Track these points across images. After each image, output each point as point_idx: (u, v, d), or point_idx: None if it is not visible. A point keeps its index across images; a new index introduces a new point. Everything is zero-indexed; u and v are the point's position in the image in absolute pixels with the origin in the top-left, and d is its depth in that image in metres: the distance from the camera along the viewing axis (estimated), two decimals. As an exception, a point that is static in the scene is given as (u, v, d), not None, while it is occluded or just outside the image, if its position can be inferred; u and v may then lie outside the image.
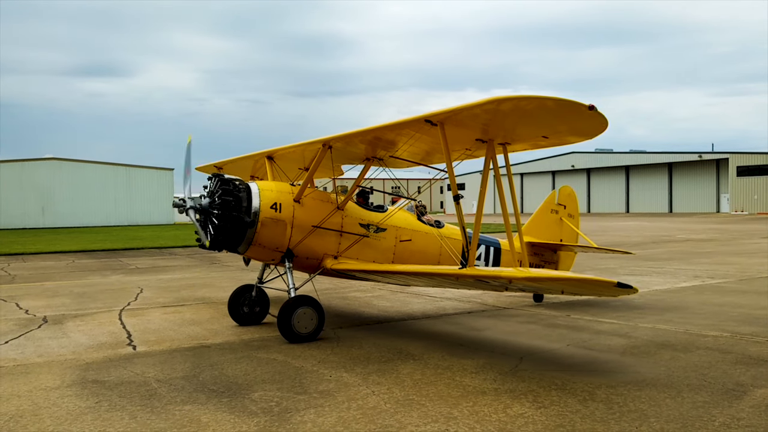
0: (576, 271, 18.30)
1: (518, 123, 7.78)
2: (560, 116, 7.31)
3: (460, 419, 5.69)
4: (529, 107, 7.13)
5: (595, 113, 6.81)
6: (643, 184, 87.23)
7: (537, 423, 5.56)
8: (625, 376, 7.04)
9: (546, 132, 8.08)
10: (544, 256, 12.87)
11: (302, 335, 8.89)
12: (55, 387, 6.89)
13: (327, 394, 6.50)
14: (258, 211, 9.17)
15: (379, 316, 11.34)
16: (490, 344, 8.92)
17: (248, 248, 9.38)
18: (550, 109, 7.09)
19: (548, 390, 6.55)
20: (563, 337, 9.27)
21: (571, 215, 13.59)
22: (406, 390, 6.63)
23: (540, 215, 13.39)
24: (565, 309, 11.84)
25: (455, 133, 8.34)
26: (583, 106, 6.74)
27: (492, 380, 6.97)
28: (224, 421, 5.71)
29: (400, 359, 8.02)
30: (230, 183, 9.25)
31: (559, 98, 6.77)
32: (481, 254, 11.68)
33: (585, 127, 7.58)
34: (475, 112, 7.47)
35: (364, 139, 9.39)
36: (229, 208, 9.03)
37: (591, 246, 13.08)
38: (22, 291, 15.44)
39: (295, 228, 9.41)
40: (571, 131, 7.98)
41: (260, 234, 9.23)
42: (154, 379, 7.17)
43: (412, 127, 8.40)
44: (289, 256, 9.49)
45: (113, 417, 5.85)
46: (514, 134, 8.30)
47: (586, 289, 7.37)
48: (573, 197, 13.84)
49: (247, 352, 8.55)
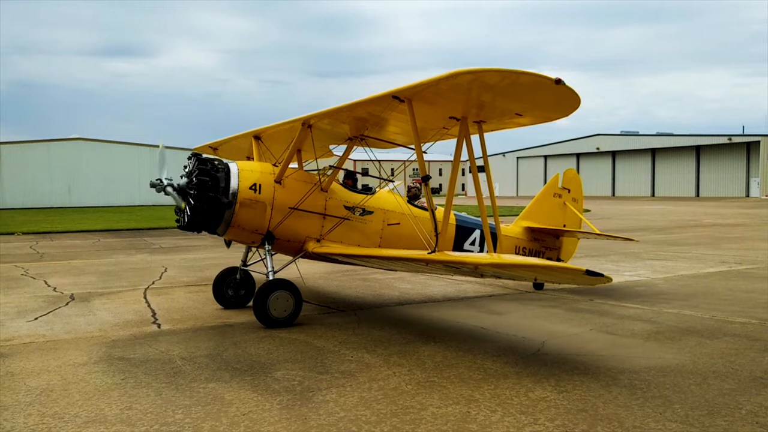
0: (598, 255, 18.14)
1: (487, 99, 7.53)
2: (528, 91, 7.03)
3: (482, 402, 5.69)
4: (492, 81, 6.86)
5: (563, 87, 6.57)
6: (669, 168, 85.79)
7: (559, 407, 5.54)
8: (648, 362, 6.97)
9: (518, 108, 7.78)
10: (546, 242, 12.35)
11: (278, 320, 8.64)
12: (83, 363, 7.03)
13: (348, 375, 6.54)
14: (236, 192, 8.93)
15: (400, 298, 11.35)
16: (511, 327, 8.89)
17: (227, 230, 9.17)
18: (516, 84, 6.82)
19: (570, 374, 6.51)
20: (586, 322, 9.20)
21: (575, 199, 13.11)
22: (427, 372, 6.64)
23: (541, 199, 12.92)
24: (588, 294, 11.74)
25: (427, 111, 8.09)
26: (549, 79, 6.50)
27: (513, 363, 6.95)
28: (247, 399, 5.77)
29: (421, 341, 8.03)
30: (207, 163, 9.06)
31: (521, 71, 6.51)
32: (475, 239, 11.17)
33: (556, 103, 7.33)
34: (441, 88, 7.22)
35: (340, 117, 9.10)
36: (206, 189, 8.82)
37: (594, 232, 12.64)
38: (50, 269, 15.73)
39: (275, 210, 9.14)
40: (542, 108, 7.71)
41: (238, 215, 9.00)
42: (178, 357, 7.27)
43: (381, 103, 8.10)
44: (270, 238, 9.23)
45: (139, 393, 5.95)
46: (486, 111, 8.04)
47: (556, 276, 7.13)
48: (577, 180, 13.33)
49: (269, 331, 8.62)
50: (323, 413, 5.42)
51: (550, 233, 12.37)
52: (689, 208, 48.27)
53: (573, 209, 12.87)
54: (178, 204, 9.04)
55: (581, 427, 5.07)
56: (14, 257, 18.55)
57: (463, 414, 5.39)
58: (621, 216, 39.34)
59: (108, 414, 5.41)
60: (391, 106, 8.07)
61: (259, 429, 5.07)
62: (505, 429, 5.05)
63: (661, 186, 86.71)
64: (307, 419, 5.28)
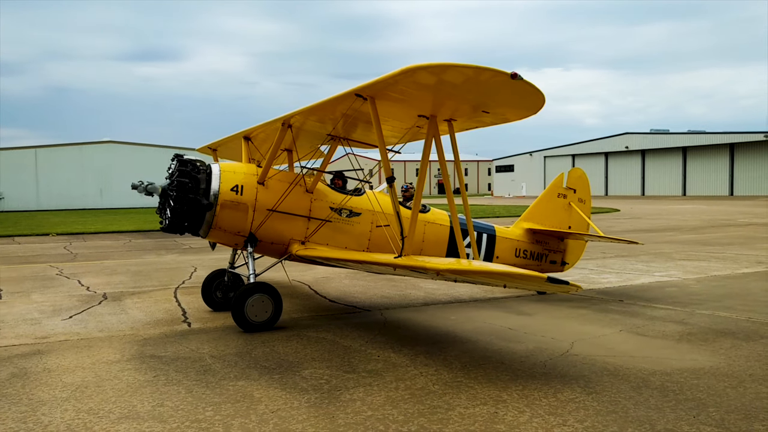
0: (628, 255, 17.89)
1: (451, 96, 7.30)
2: (490, 87, 6.81)
3: (510, 402, 5.66)
4: (451, 77, 6.67)
5: (522, 83, 6.35)
6: (701, 166, 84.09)
7: (588, 408, 5.48)
8: (681, 364, 6.85)
9: (483, 106, 7.55)
10: (549, 244, 11.84)
11: (256, 324, 8.46)
12: (116, 361, 7.16)
13: (375, 374, 6.56)
14: (217, 194, 8.79)
15: (426, 298, 11.34)
16: (539, 328, 8.82)
17: (209, 232, 9.01)
18: (476, 80, 6.61)
19: (600, 375, 6.44)
20: (615, 323, 9.08)
21: (581, 200, 12.47)
22: (455, 372, 6.63)
23: (545, 199, 12.32)
24: (617, 294, 11.60)
25: (393, 109, 7.94)
26: (505, 74, 6.29)
27: (542, 365, 6.90)
28: (276, 397, 5.83)
29: (448, 342, 8.02)
30: (188, 164, 8.92)
31: (478, 66, 6.30)
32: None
33: (520, 100, 7.10)
34: (401, 84, 7.02)
35: (315, 117, 8.85)
36: (185, 190, 8.69)
37: (597, 234, 11.88)
38: (83, 269, 16.05)
39: (257, 212, 8.96)
40: (508, 104, 7.44)
41: (219, 217, 8.84)
42: (208, 355, 7.37)
43: (346, 102, 7.87)
44: (252, 240, 9.03)
45: (170, 390, 6.05)
46: (452, 109, 7.81)
47: (518, 283, 6.94)
48: (584, 180, 12.72)
49: (297, 330, 8.69)
50: (350, 412, 5.44)
51: (553, 235, 11.84)
52: (722, 207, 47.31)
53: (578, 210, 12.30)
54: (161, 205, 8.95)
55: (611, 428, 5.02)
56: (49, 257, 18.97)
57: (491, 414, 5.37)
58: (651, 215, 38.73)
59: (140, 410, 5.51)
60: (356, 104, 7.82)
61: (287, 427, 5.12)
62: (533, 430, 5.02)
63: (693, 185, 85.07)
64: (334, 417, 5.31)
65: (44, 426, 5.15)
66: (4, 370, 6.77)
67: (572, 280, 10.45)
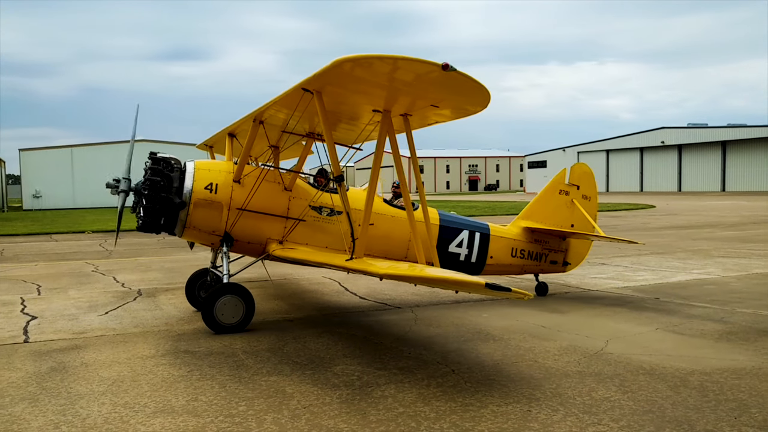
0: (664, 252, 17.52)
1: (391, 89, 7.03)
2: (426, 80, 6.54)
3: (543, 401, 5.58)
4: (379, 68, 6.42)
5: (453, 74, 6.09)
6: (742, 161, 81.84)
7: (624, 407, 5.38)
8: (721, 363, 6.68)
9: (429, 99, 7.27)
10: (549, 244, 11.22)
11: (226, 326, 8.23)
12: (151, 356, 7.28)
13: (406, 371, 6.54)
14: (190, 192, 8.56)
15: (456, 296, 11.27)
16: (573, 326, 8.69)
17: (183, 231, 8.81)
18: (408, 72, 6.39)
19: (636, 374, 6.32)
20: (652, 321, 8.90)
21: (586, 197, 11.70)
22: (486, 370, 6.57)
23: (545, 197, 11.68)
24: (652, 292, 11.38)
25: (347, 104, 7.78)
26: (436, 65, 6.00)
27: (576, 363, 6.80)
28: (308, 393, 5.85)
29: (480, 339, 7.96)
30: (161, 162, 8.72)
31: (401, 57, 6.06)
32: (462, 241, 10.23)
33: (464, 93, 6.82)
34: (334, 77, 6.83)
35: (284, 114, 8.53)
36: (157, 189, 8.51)
37: (599, 234, 11.27)
38: (118, 266, 16.37)
39: (232, 210, 8.69)
40: (452, 97, 7.16)
41: (193, 216, 8.62)
42: (241, 351, 7.44)
43: (295, 98, 7.62)
44: (228, 240, 8.76)
45: (204, 385, 6.12)
46: (404, 103, 7.54)
47: (459, 288, 6.71)
48: (589, 176, 11.91)
49: (328, 327, 8.72)
50: (382, 408, 5.44)
51: (552, 234, 11.21)
52: (764, 203, 46.04)
53: (580, 208, 11.52)
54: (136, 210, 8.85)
55: (648, 428, 4.91)
56: (85, 254, 19.39)
57: (524, 412, 5.30)
58: (688, 211, 37.91)
59: (175, 405, 5.58)
60: (305, 99, 7.58)
61: (319, 422, 5.13)
62: (567, 429, 4.95)
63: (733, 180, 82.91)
64: (366, 414, 5.31)
65: (83, 419, 5.26)
66: (44, 364, 6.93)
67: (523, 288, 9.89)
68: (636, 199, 60.12)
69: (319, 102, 7.39)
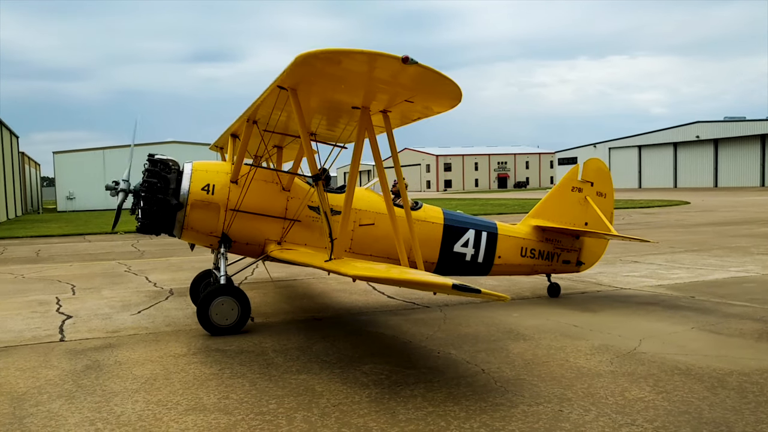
0: (699, 250, 17.15)
1: (361, 84, 6.87)
2: (393, 74, 6.36)
3: (575, 401, 5.50)
4: (347, 64, 6.28)
5: (415, 68, 5.91)
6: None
7: (658, 408, 5.27)
8: (761, 364, 6.50)
9: (401, 94, 7.08)
10: (561, 243, 10.79)
11: (221, 327, 8.14)
12: (183, 354, 7.37)
13: (436, 370, 6.51)
14: (187, 194, 8.55)
15: (488, 294, 11.18)
16: (605, 325, 8.55)
17: (181, 233, 8.79)
18: (372, 66, 6.24)
19: (670, 374, 6.19)
20: (687, 320, 8.72)
21: (601, 194, 11.19)
22: (517, 370, 6.50)
23: (557, 194, 11.27)
24: (688, 290, 11.14)
25: (326, 102, 7.65)
26: (396, 58, 5.82)
27: (608, 362, 6.69)
28: (337, 391, 5.86)
29: (510, 339, 7.88)
30: (159, 164, 8.73)
31: (365, 51, 5.92)
32: (469, 240, 9.93)
33: (433, 87, 6.60)
34: (299, 74, 6.73)
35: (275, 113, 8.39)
36: (154, 191, 8.52)
37: (610, 233, 10.75)
38: (150, 266, 16.63)
39: (230, 211, 8.63)
40: (423, 92, 6.93)
41: (190, 218, 8.60)
42: (271, 349, 7.49)
43: (274, 96, 7.53)
44: (226, 241, 8.69)
45: (235, 383, 6.17)
46: (381, 99, 7.37)
47: (426, 289, 6.51)
48: (604, 172, 11.42)
49: (356, 326, 8.73)
50: (411, 407, 5.41)
51: (563, 233, 10.79)
52: (802, 199, 44.77)
53: (593, 205, 11.01)
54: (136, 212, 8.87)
55: (684, 430, 4.81)
56: (118, 255, 19.74)
57: (555, 412, 5.23)
58: (725, 208, 37.05)
59: (206, 402, 5.64)
60: (281, 97, 7.51)
61: (349, 420, 5.14)
62: (600, 429, 4.87)
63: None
64: (395, 413, 5.29)
65: (117, 416, 5.34)
66: (80, 363, 7.07)
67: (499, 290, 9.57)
68: (670, 195, 59.00)
69: (294, 99, 7.31)
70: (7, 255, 20.56)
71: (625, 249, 17.68)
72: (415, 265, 9.10)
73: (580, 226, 10.89)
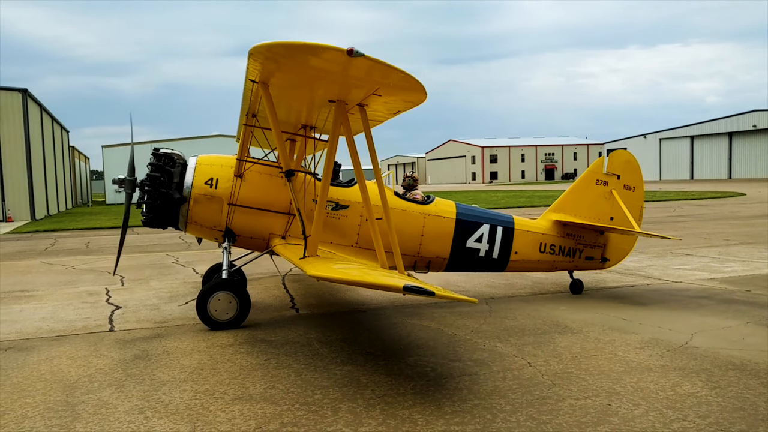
0: (755, 243, 16.54)
1: (318, 77, 6.71)
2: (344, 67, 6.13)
3: (624, 395, 5.38)
4: (302, 58, 6.13)
5: (361, 59, 5.68)
6: None
7: (711, 404, 5.10)
8: (820, 359, 6.23)
9: (365, 87, 6.84)
10: (584, 239, 10.30)
11: (220, 322, 8.14)
12: (230, 344, 7.49)
13: (481, 363, 6.45)
14: (190, 187, 8.61)
15: (533, 288, 11.04)
16: (655, 319, 8.33)
17: (186, 226, 8.85)
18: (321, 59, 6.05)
19: (724, 370, 5.98)
20: (741, 314, 8.42)
21: (629, 187, 10.57)
22: (564, 363, 6.38)
23: (580, 187, 10.68)
24: (743, 284, 10.76)
25: (298, 96, 7.52)
26: (341, 51, 5.64)
27: (659, 356, 6.51)
28: (382, 383, 5.86)
29: (557, 332, 7.75)
30: (162, 158, 8.79)
31: (310, 44, 5.74)
32: (483, 235, 9.62)
33: (392, 80, 6.35)
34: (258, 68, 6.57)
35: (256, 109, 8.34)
36: (157, 185, 8.62)
37: (634, 229, 10.14)
38: (197, 257, 16.95)
39: (233, 206, 8.65)
40: (383, 84, 6.63)
41: (193, 211, 8.67)
42: (316, 340, 7.55)
43: (251, 90, 7.47)
44: (230, 235, 8.73)
45: (281, 374, 6.24)
46: (347, 93, 7.13)
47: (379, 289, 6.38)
48: (632, 164, 10.76)
49: (400, 318, 8.72)
50: (457, 400, 5.38)
51: (585, 228, 10.27)
52: None
53: (618, 199, 10.39)
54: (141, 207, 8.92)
55: (739, 426, 4.64)
56: (165, 247, 20.21)
57: (604, 407, 5.12)
58: (781, 200, 35.65)
59: (252, 392, 5.72)
60: (257, 91, 7.41)
61: (394, 412, 5.13)
62: (649, 424, 4.74)
63: (842, 166, 77.12)
64: (441, 405, 5.27)
65: (165, 405, 5.46)
66: (129, 352, 7.26)
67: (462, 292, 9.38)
68: (724, 187, 57.08)
69: (264, 93, 7.26)
70: (59, 247, 21.28)
71: (675, 242, 17.19)
72: (424, 260, 9.18)
73: (605, 221, 10.37)
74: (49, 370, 6.57)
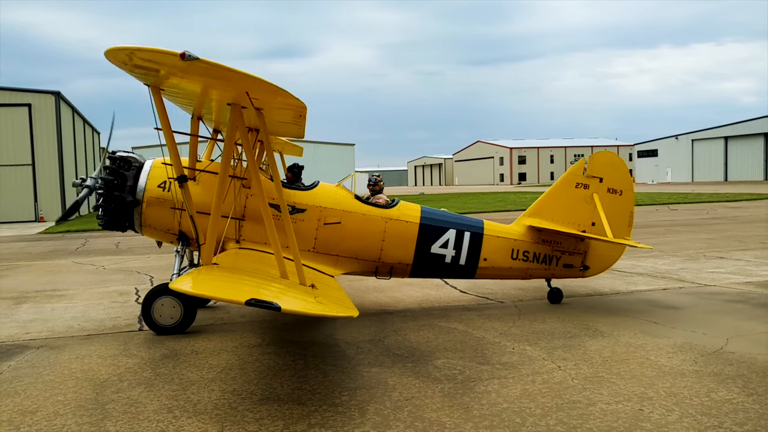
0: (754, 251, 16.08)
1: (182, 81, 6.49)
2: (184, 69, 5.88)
3: (656, 400, 5.26)
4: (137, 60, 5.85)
5: (196, 63, 5.40)
6: None
7: (748, 411, 4.96)
8: None
9: (231, 91, 6.59)
10: (562, 245, 9.65)
11: (165, 327, 8.06)
12: (257, 345, 7.53)
13: (510, 366, 6.37)
14: (143, 191, 8.52)
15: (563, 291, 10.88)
16: (689, 323, 8.15)
17: (141, 229, 8.75)
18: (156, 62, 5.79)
19: (762, 376, 5.82)
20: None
21: (614, 190, 9.76)
22: (595, 367, 6.28)
23: (557, 191, 9.92)
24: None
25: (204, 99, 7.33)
26: (174, 55, 5.36)
27: (692, 361, 6.36)
28: (409, 385, 5.83)
29: (588, 335, 7.63)
30: (117, 161, 8.67)
31: (142, 48, 5.50)
32: (448, 240, 9.22)
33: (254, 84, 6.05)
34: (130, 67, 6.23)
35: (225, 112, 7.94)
36: (110, 188, 8.52)
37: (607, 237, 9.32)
38: (229, 258, 17.10)
39: (181, 210, 8.45)
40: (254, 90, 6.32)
41: (146, 215, 8.57)
42: (342, 342, 7.54)
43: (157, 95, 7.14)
44: (183, 238, 8.61)
45: (308, 374, 6.24)
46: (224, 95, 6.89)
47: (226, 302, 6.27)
48: (617, 166, 9.92)
49: (428, 320, 8.67)
50: (485, 403, 5.32)
51: (561, 235, 9.61)
52: None
53: (598, 204, 9.62)
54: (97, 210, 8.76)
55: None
56: (199, 248, 20.41)
57: (636, 412, 5.02)
58: (819, 201, 34.71)
59: (280, 393, 5.73)
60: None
61: (422, 415, 5.09)
62: (684, 430, 4.63)
63: None
64: (469, 408, 5.21)
65: (194, 404, 5.50)
66: (158, 351, 7.33)
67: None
68: (759, 189, 55.77)
69: (155, 96, 7.05)
70: (89, 247, 21.64)
71: (709, 244, 16.84)
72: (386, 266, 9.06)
73: (586, 227, 9.67)
74: (79, 369, 6.67)
